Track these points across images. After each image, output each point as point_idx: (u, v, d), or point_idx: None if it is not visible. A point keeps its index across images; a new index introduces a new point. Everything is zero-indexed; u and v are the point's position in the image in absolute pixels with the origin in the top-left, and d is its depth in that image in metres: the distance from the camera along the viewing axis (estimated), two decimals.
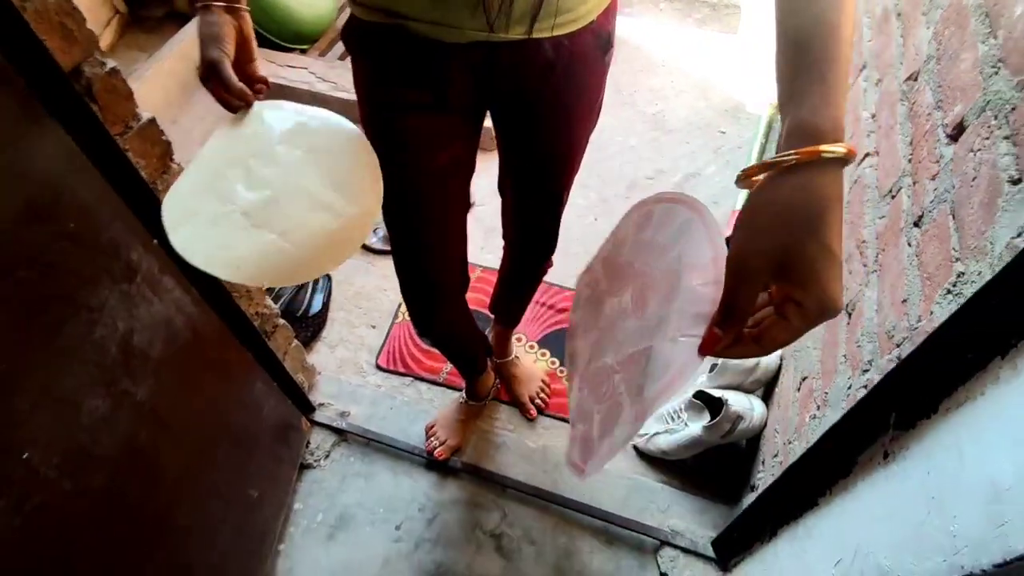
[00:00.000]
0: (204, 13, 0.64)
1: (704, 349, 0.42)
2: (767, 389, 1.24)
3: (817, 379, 0.94)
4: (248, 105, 0.67)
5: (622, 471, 1.31)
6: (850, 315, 0.87)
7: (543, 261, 1.11)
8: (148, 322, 0.78)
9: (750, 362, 1.19)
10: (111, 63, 0.71)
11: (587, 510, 1.23)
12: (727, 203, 1.80)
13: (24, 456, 0.61)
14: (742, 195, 1.80)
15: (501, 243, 1.13)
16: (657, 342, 0.47)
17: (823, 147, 0.39)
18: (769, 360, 1.19)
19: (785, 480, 0.84)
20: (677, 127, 2.03)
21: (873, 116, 1.00)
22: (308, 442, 1.33)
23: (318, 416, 1.35)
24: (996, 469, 0.44)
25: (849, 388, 0.79)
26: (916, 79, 0.84)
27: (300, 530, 1.25)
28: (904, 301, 0.70)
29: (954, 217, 0.64)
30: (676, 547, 1.18)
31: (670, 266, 0.49)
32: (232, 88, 0.64)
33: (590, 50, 0.70)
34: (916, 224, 0.73)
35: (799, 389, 1.02)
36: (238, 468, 1.05)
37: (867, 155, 0.98)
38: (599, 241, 0.59)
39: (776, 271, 0.39)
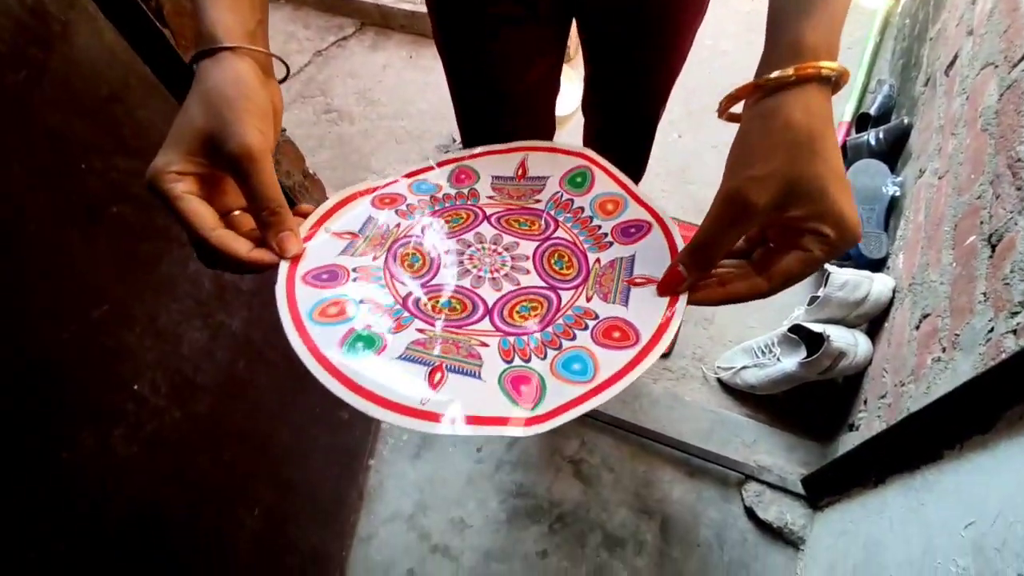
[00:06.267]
0: (212, 67, 0.40)
1: (664, 289, 0.42)
2: (873, 324, 1.14)
3: (944, 317, 0.84)
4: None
5: (705, 403, 1.27)
6: (994, 248, 0.76)
7: None
8: None
9: (858, 294, 1.09)
10: None
11: (667, 441, 1.21)
12: (835, 110, 1.60)
13: (135, 388, 0.63)
14: (851, 104, 1.60)
15: None
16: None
17: (823, 64, 0.35)
18: (880, 291, 1.08)
19: (902, 427, 0.77)
20: None
21: None
22: None
23: None
24: None
25: (991, 332, 0.70)
26: None
27: (388, 447, 1.31)
28: None
29: None
30: (762, 482, 1.15)
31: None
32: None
33: None
34: None
35: (918, 327, 0.92)
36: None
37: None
38: (682, 161, 0.57)
39: (783, 201, 0.35)
